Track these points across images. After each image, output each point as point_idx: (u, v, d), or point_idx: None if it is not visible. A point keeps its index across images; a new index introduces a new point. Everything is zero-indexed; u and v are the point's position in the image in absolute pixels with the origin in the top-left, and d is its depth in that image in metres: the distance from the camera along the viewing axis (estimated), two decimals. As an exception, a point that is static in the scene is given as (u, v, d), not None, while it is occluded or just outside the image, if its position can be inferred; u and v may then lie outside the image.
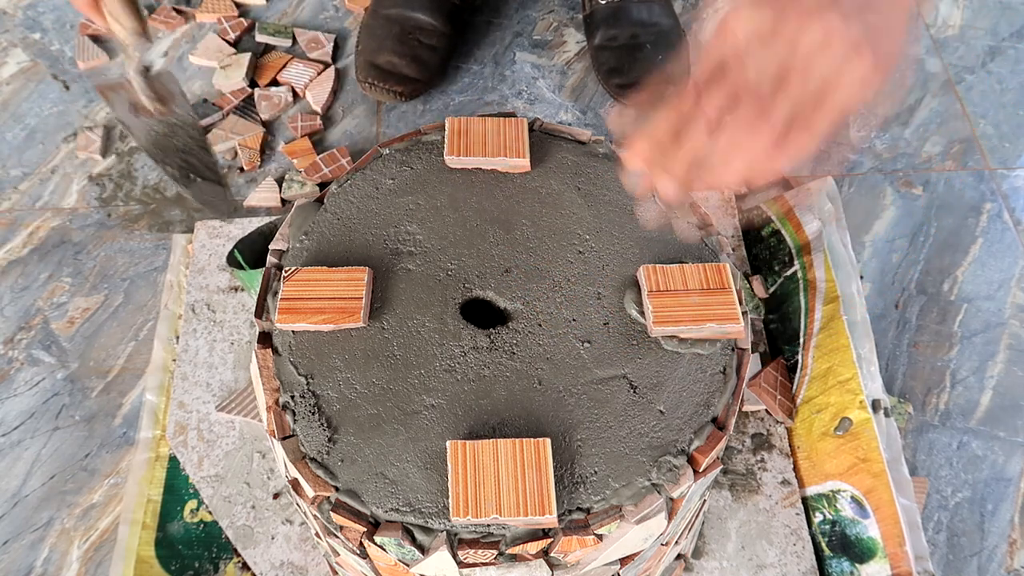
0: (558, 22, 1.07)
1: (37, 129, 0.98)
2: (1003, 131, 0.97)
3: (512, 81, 1.02)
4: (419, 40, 0.97)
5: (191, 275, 0.84)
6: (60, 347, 0.82)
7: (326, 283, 0.50)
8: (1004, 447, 0.76)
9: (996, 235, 0.89)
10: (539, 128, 0.59)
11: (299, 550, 0.69)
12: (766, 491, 0.72)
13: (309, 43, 1.04)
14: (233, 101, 0.98)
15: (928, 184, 0.93)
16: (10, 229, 0.90)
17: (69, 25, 1.07)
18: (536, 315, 0.51)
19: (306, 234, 0.53)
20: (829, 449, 0.72)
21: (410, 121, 0.99)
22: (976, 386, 0.80)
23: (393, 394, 0.48)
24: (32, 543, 0.72)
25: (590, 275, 0.52)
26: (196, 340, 0.80)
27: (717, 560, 0.69)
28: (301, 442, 0.46)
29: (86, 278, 0.87)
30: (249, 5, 1.08)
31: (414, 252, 0.53)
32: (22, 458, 0.76)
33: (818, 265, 0.80)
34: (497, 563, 0.44)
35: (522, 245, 0.53)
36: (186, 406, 0.76)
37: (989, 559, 0.71)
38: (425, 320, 0.50)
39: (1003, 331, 0.83)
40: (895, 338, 0.82)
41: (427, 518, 0.44)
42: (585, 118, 0.99)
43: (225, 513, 0.71)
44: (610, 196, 0.55)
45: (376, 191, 0.56)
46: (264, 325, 0.50)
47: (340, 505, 0.45)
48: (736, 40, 0.42)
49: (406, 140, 0.58)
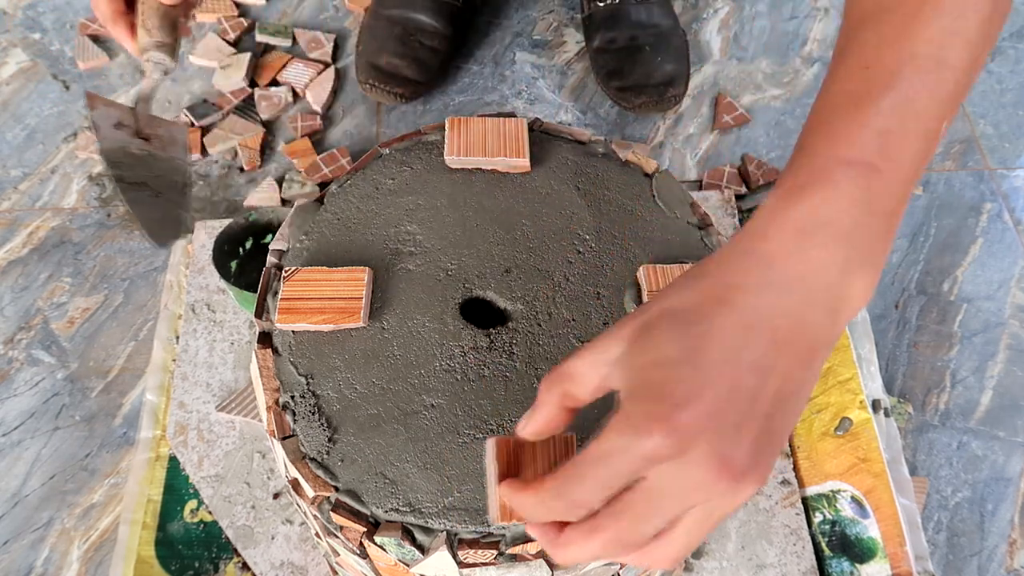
0: (558, 22, 1.07)
1: (37, 129, 0.98)
2: (1003, 131, 0.97)
3: (512, 81, 1.02)
4: (420, 42, 0.97)
5: (191, 275, 0.84)
6: (60, 347, 0.82)
7: (326, 283, 0.50)
8: (1004, 447, 0.76)
9: (996, 235, 0.89)
10: (539, 128, 0.59)
11: (299, 550, 0.69)
12: (766, 491, 0.72)
13: (309, 43, 1.04)
14: (233, 101, 0.98)
15: (928, 184, 0.93)
16: (10, 229, 0.90)
17: (69, 25, 1.07)
18: (536, 315, 0.51)
19: (306, 234, 0.53)
20: (829, 449, 0.72)
21: (410, 121, 0.99)
22: (976, 386, 0.80)
23: (393, 394, 0.48)
24: (32, 543, 0.72)
25: (590, 275, 0.52)
26: (196, 340, 0.80)
27: (717, 560, 0.69)
28: (301, 442, 0.46)
29: (86, 278, 0.87)
30: (249, 5, 1.08)
31: (414, 252, 0.53)
32: (22, 458, 0.76)
33: (818, 265, 0.80)
34: (497, 563, 0.44)
35: (522, 245, 0.53)
36: (186, 406, 0.76)
37: (989, 559, 0.71)
38: (425, 320, 0.50)
39: (1003, 331, 0.83)
40: (895, 338, 0.82)
41: (427, 518, 0.44)
42: (585, 118, 0.99)
43: (225, 513, 0.71)
44: (610, 196, 0.55)
45: (376, 191, 0.56)
46: (264, 325, 0.50)
47: (340, 505, 0.45)
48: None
49: (406, 140, 0.58)
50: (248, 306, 0.78)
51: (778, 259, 0.36)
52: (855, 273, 0.36)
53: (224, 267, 0.76)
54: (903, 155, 0.37)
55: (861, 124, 0.38)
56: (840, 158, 0.37)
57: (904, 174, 0.37)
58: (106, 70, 1.03)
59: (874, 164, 0.37)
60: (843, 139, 0.38)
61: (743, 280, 0.36)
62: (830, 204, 0.36)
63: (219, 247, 0.76)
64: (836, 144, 0.38)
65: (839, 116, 0.38)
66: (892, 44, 0.39)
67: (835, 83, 0.40)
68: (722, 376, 0.34)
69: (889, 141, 0.37)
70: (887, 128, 0.37)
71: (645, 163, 0.57)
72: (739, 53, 1.04)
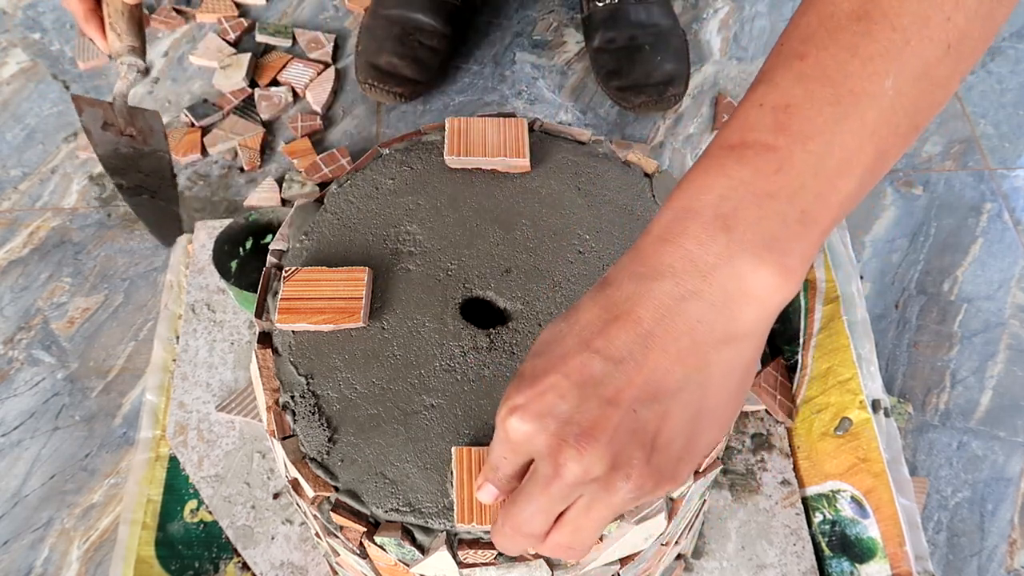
0: (558, 22, 1.07)
1: (37, 129, 0.98)
2: (1003, 131, 0.97)
3: (512, 81, 1.02)
4: (419, 41, 0.97)
5: (191, 275, 0.84)
6: (60, 347, 0.82)
7: (326, 283, 0.50)
8: (1004, 447, 0.76)
9: (996, 235, 0.89)
10: (539, 128, 0.59)
11: (299, 550, 0.69)
12: (766, 491, 0.72)
13: (309, 43, 1.04)
14: (233, 101, 0.98)
15: (928, 184, 0.93)
16: (10, 229, 0.90)
17: (69, 25, 1.07)
18: (536, 315, 0.51)
19: (306, 234, 0.53)
20: (829, 449, 0.72)
21: (410, 121, 0.99)
22: (976, 386, 0.80)
23: (393, 394, 0.48)
24: (32, 543, 0.72)
25: (590, 275, 0.52)
26: (196, 340, 0.80)
27: (717, 560, 0.69)
28: (301, 442, 0.46)
29: (86, 278, 0.87)
30: (249, 5, 1.08)
31: (414, 252, 0.53)
32: (22, 458, 0.76)
33: (818, 265, 0.81)
34: (497, 563, 0.44)
35: (522, 245, 0.53)
36: (186, 406, 0.76)
37: (989, 559, 0.71)
38: (425, 320, 0.50)
39: (1003, 331, 0.83)
40: (895, 338, 0.82)
41: (427, 518, 0.44)
42: (585, 118, 0.99)
43: (225, 513, 0.71)
44: (610, 196, 0.55)
45: (376, 191, 0.56)
46: (264, 325, 0.50)
47: (340, 505, 0.45)
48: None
49: (406, 140, 0.58)
50: (248, 306, 0.78)
51: (649, 252, 0.34)
52: (744, 259, 0.33)
53: (224, 267, 0.76)
54: (809, 126, 0.33)
55: (754, 103, 0.35)
56: (724, 143, 0.34)
57: (816, 145, 0.33)
58: (106, 70, 1.03)
59: (767, 143, 0.33)
60: (735, 123, 0.35)
61: (614, 275, 0.35)
62: (707, 191, 0.34)
63: (219, 247, 0.76)
64: (726, 130, 0.35)
65: (740, 102, 0.36)
66: (808, 9, 0.35)
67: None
68: (567, 361, 0.34)
69: (791, 115, 0.33)
70: (785, 103, 0.34)
71: (645, 163, 0.57)
72: (739, 53, 1.04)
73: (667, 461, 0.34)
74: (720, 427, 0.36)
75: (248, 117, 0.97)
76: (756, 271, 0.33)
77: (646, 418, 0.33)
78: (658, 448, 0.34)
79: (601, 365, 0.33)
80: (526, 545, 0.38)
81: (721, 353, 0.34)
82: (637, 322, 0.33)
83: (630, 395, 0.33)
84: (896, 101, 0.34)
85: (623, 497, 0.34)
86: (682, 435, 0.35)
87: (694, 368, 0.34)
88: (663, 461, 0.34)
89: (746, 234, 0.33)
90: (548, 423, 0.33)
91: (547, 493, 0.35)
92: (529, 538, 0.37)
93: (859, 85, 0.33)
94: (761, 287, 0.33)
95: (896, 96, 0.33)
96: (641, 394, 0.33)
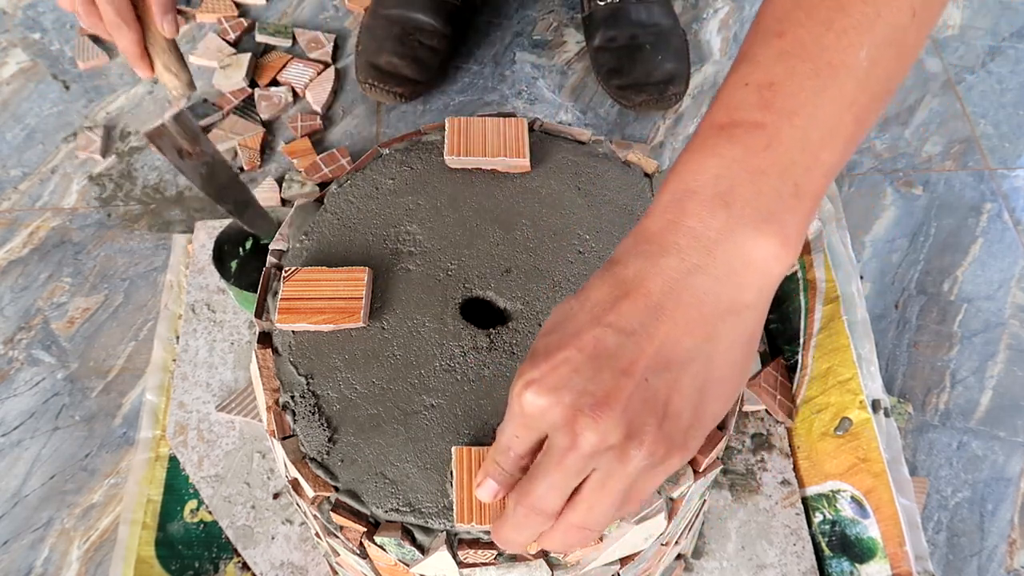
0: (558, 22, 1.07)
1: (37, 129, 0.98)
2: (1003, 131, 0.97)
3: (512, 81, 1.02)
4: (419, 41, 0.97)
5: (191, 275, 0.84)
6: (60, 347, 0.82)
7: (326, 283, 0.50)
8: (1004, 447, 0.76)
9: (996, 235, 0.89)
10: (539, 128, 0.59)
11: (299, 550, 0.69)
12: (766, 491, 0.72)
13: (309, 43, 1.04)
14: (233, 101, 0.98)
15: (928, 184, 0.93)
16: (10, 229, 0.90)
17: (69, 25, 1.07)
18: (536, 315, 0.51)
19: (306, 234, 0.53)
20: (829, 449, 0.72)
21: (410, 121, 0.99)
22: (976, 386, 0.80)
23: (393, 394, 0.48)
24: (32, 543, 0.72)
25: (590, 275, 0.52)
26: (196, 340, 0.80)
27: (717, 560, 0.69)
28: (301, 442, 0.46)
29: (86, 278, 0.87)
30: (249, 5, 1.08)
31: (414, 252, 0.53)
32: (22, 458, 0.76)
33: (818, 265, 0.81)
34: (497, 563, 0.44)
35: (522, 245, 0.53)
36: (186, 406, 0.76)
37: (989, 559, 0.71)
38: (425, 320, 0.50)
39: (1003, 331, 0.83)
40: (895, 338, 0.82)
41: (427, 518, 0.44)
42: (585, 118, 0.99)
43: (225, 513, 0.71)
44: (610, 196, 0.55)
45: (376, 191, 0.56)
46: (264, 325, 0.50)
47: (340, 505, 0.45)
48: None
49: (406, 140, 0.58)
50: (248, 306, 0.78)
51: (653, 232, 0.36)
52: (745, 233, 0.34)
53: (224, 267, 0.76)
54: (792, 101, 0.35)
55: (738, 82, 0.36)
56: (713, 123, 0.36)
57: (801, 120, 0.35)
58: (106, 70, 1.03)
59: (755, 121, 0.35)
60: (721, 103, 0.36)
61: (620, 255, 0.36)
62: (703, 171, 0.35)
63: (219, 247, 0.76)
64: (714, 110, 0.36)
65: (724, 83, 0.37)
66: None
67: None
68: (580, 336, 0.35)
69: (775, 92, 0.35)
70: (768, 80, 0.35)
71: (645, 163, 0.57)
72: (739, 53, 1.03)
73: (677, 429, 0.35)
74: (726, 398, 0.37)
75: (248, 117, 0.97)
76: (757, 243, 0.34)
77: (657, 387, 0.34)
78: (669, 416, 0.35)
79: (614, 337, 0.34)
80: (537, 529, 0.38)
81: (727, 323, 0.35)
82: (647, 296, 0.35)
83: (642, 365, 0.34)
84: (871, 71, 0.36)
85: (636, 466, 0.34)
86: (691, 404, 0.35)
87: (702, 338, 0.35)
88: (674, 429, 0.35)
89: (744, 209, 0.34)
90: (563, 395, 0.34)
91: (562, 466, 0.35)
92: (542, 516, 0.37)
93: (836, 57, 0.35)
94: (762, 258, 0.35)
95: (871, 66, 0.35)
96: (653, 364, 0.34)
